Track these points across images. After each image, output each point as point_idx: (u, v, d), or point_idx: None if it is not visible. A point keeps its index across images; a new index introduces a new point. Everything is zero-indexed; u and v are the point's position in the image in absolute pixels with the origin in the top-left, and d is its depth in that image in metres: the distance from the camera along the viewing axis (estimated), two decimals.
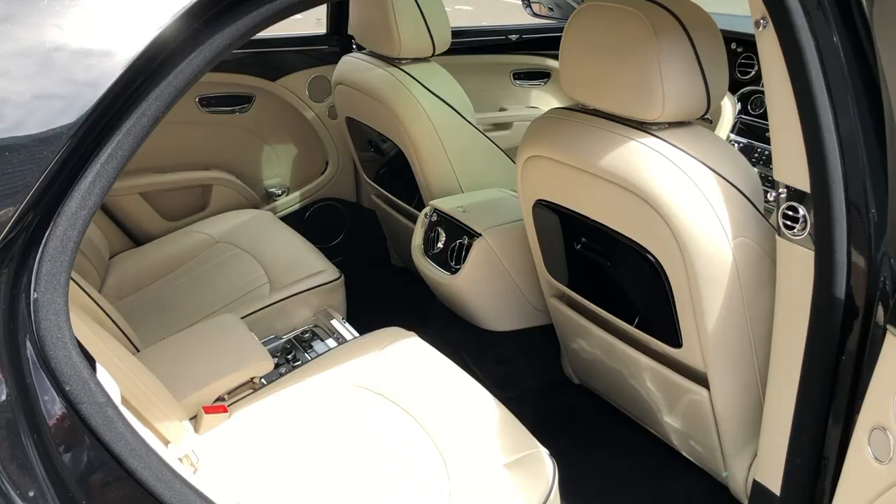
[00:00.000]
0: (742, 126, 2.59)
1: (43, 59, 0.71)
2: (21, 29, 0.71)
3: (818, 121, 1.20)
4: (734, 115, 2.61)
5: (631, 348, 1.74)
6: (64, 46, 0.71)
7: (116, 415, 0.75)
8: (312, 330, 2.03)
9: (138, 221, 2.56)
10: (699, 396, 1.60)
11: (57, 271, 0.73)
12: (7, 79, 0.70)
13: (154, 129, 0.79)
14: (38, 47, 0.71)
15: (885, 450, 1.05)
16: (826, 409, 1.33)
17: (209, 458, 1.52)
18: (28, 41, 0.71)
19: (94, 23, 0.73)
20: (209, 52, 0.80)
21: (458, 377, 1.66)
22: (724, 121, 2.64)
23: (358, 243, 3.01)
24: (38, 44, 0.71)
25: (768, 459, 1.49)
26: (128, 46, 0.73)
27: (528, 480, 1.38)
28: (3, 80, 0.70)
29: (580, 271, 1.76)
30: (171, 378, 1.64)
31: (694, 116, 1.45)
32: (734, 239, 1.39)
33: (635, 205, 1.45)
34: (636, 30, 1.37)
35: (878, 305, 1.22)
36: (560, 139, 1.59)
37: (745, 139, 2.56)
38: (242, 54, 2.64)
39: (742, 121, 2.58)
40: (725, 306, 1.45)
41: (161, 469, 0.77)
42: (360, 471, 1.45)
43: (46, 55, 0.71)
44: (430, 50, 2.26)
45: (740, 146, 2.55)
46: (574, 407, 2.16)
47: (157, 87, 0.77)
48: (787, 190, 1.30)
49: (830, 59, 1.18)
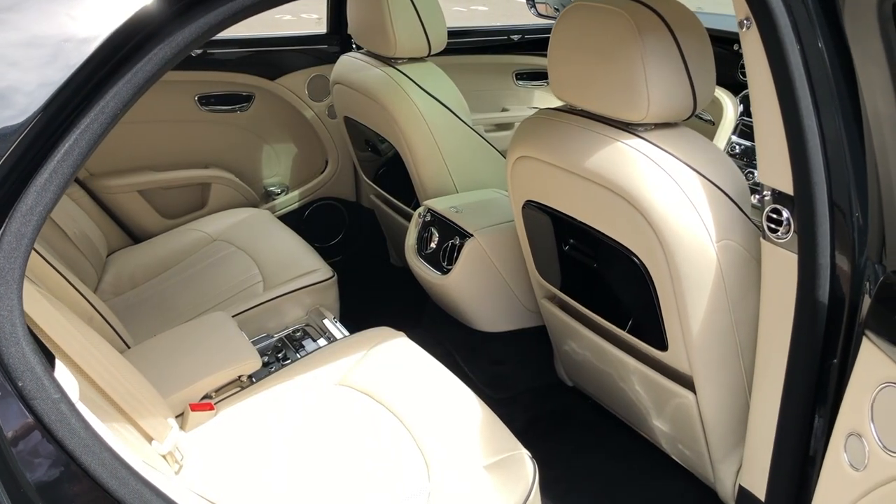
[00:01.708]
0: (744, 128, 2.56)
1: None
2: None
3: (801, 123, 1.19)
4: (736, 116, 2.58)
5: (619, 350, 1.73)
6: (15, 42, 0.72)
7: (71, 411, 0.76)
8: (304, 329, 2.03)
9: (137, 219, 2.57)
10: (686, 400, 1.59)
11: (11, 267, 0.73)
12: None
13: (114, 126, 0.79)
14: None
15: (860, 457, 1.04)
16: (810, 414, 1.32)
17: (194, 456, 1.53)
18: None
19: (49, 20, 0.74)
20: (170, 50, 0.80)
21: (444, 378, 1.65)
22: (726, 122, 2.62)
23: (357, 243, 3.01)
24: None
25: (753, 465, 1.48)
26: (84, 43, 0.74)
27: (507, 482, 1.37)
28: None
29: (569, 273, 1.76)
30: (158, 375, 1.65)
31: (680, 118, 1.44)
32: (718, 241, 1.38)
33: (620, 206, 1.44)
34: (621, 30, 1.36)
35: (862, 310, 1.21)
36: (547, 140, 1.58)
37: (747, 141, 2.53)
38: (242, 53, 2.65)
39: (744, 122, 2.56)
40: (710, 309, 1.43)
41: (116, 466, 0.77)
42: (342, 470, 1.45)
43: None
44: (425, 50, 2.26)
45: (742, 148, 2.53)
46: (566, 409, 2.15)
47: (116, 85, 0.77)
48: (771, 192, 1.29)
49: (815, 61, 1.17)
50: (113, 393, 1.39)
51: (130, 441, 1.35)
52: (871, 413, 1.02)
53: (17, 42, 0.73)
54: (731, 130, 2.61)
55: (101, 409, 1.32)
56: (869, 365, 1.03)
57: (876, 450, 1.01)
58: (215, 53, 2.60)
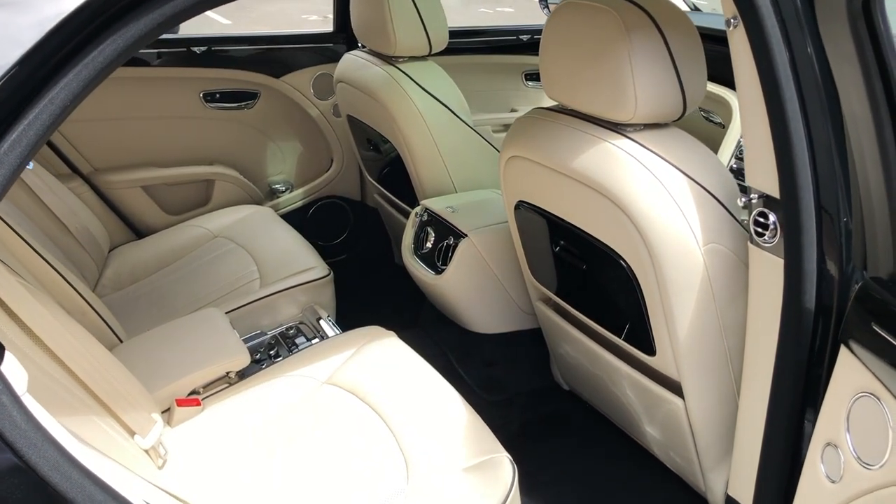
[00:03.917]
0: None
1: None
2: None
3: (787, 125, 1.16)
4: None
5: (611, 354, 1.70)
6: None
7: (12, 403, 0.75)
8: (298, 327, 2.02)
9: (140, 215, 2.59)
10: (674, 406, 1.56)
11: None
12: None
13: (64, 119, 0.78)
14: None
15: (836, 468, 1.01)
16: (797, 425, 1.28)
17: (177, 452, 1.53)
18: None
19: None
20: (123, 42, 0.79)
21: (431, 378, 1.64)
22: (735, 125, 2.58)
23: (361, 242, 3.01)
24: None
25: (740, 474, 1.45)
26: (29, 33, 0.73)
27: (485, 485, 1.36)
28: None
29: (560, 274, 1.73)
30: (147, 370, 1.65)
31: (670, 118, 1.41)
32: (705, 245, 1.35)
33: (606, 208, 1.42)
34: (608, 28, 1.34)
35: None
36: (537, 139, 1.56)
37: None
38: (247, 51, 2.66)
39: None
40: (697, 314, 1.40)
41: (59, 460, 0.77)
42: (322, 469, 1.44)
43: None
44: (426, 48, 2.25)
45: None
46: (562, 413, 2.12)
47: (65, 77, 0.77)
48: (758, 196, 1.26)
49: (802, 61, 1.14)
50: (95, 387, 1.39)
51: (110, 435, 1.35)
52: (847, 423, 0.99)
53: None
54: (740, 133, 2.56)
55: (81, 402, 1.32)
56: (846, 374, 1.00)
57: (851, 461, 0.97)
58: (220, 50, 2.61)
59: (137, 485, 1.03)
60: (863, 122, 1.01)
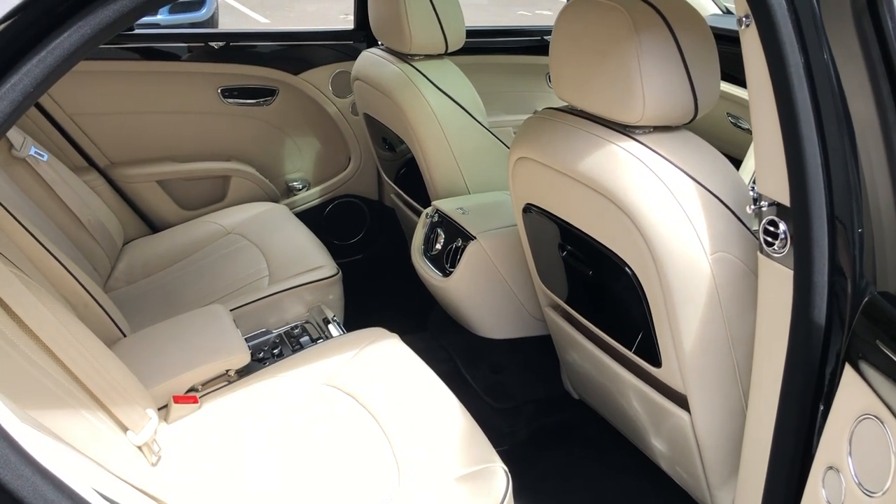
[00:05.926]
0: None
1: None
2: None
3: (799, 130, 1.10)
4: None
5: (617, 364, 1.65)
6: None
7: None
8: (303, 326, 2.00)
9: (155, 209, 2.59)
10: (681, 420, 1.50)
11: None
12: None
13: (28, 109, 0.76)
14: None
15: (837, 493, 0.95)
16: (805, 447, 1.22)
17: (172, 449, 1.51)
18: None
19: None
20: (90, 29, 0.77)
21: (431, 383, 1.60)
22: None
23: (378, 242, 2.98)
24: None
25: (746, 493, 1.38)
26: None
27: (476, 495, 1.32)
28: None
29: (567, 280, 1.68)
30: (146, 365, 1.64)
31: (681, 121, 1.36)
32: (713, 254, 1.29)
33: (612, 212, 1.37)
34: (617, 26, 1.29)
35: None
36: (544, 141, 1.52)
37: None
38: (266, 47, 2.65)
39: None
40: (704, 325, 1.34)
41: (9, 455, 0.75)
42: (314, 471, 1.42)
43: None
44: (442, 47, 2.21)
45: None
46: (570, 423, 2.07)
47: (28, 63, 0.75)
48: (768, 203, 1.20)
49: (817, 63, 1.08)
50: (87, 380, 1.38)
51: (98, 429, 1.34)
52: (849, 447, 0.93)
53: None
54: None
55: (69, 394, 1.31)
56: (849, 394, 0.94)
57: (852, 487, 0.91)
58: (239, 46, 2.61)
59: (103, 482, 1.00)
60: (868, 127, 0.95)
